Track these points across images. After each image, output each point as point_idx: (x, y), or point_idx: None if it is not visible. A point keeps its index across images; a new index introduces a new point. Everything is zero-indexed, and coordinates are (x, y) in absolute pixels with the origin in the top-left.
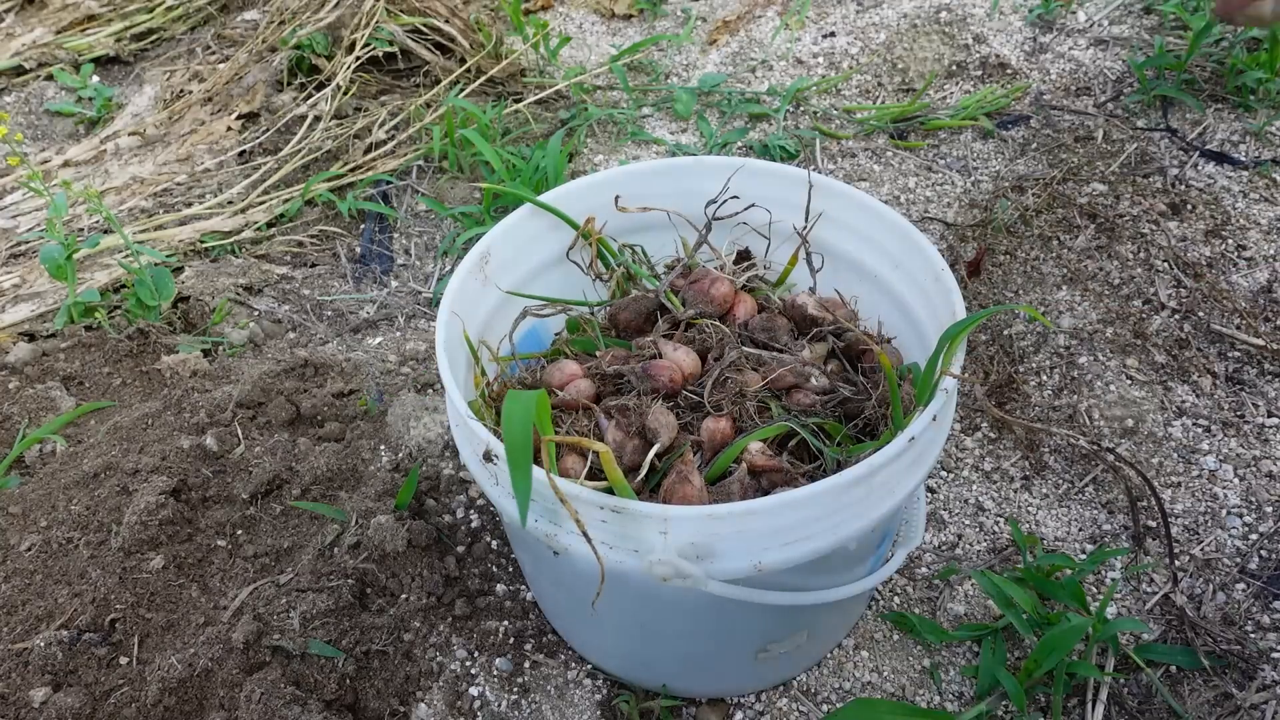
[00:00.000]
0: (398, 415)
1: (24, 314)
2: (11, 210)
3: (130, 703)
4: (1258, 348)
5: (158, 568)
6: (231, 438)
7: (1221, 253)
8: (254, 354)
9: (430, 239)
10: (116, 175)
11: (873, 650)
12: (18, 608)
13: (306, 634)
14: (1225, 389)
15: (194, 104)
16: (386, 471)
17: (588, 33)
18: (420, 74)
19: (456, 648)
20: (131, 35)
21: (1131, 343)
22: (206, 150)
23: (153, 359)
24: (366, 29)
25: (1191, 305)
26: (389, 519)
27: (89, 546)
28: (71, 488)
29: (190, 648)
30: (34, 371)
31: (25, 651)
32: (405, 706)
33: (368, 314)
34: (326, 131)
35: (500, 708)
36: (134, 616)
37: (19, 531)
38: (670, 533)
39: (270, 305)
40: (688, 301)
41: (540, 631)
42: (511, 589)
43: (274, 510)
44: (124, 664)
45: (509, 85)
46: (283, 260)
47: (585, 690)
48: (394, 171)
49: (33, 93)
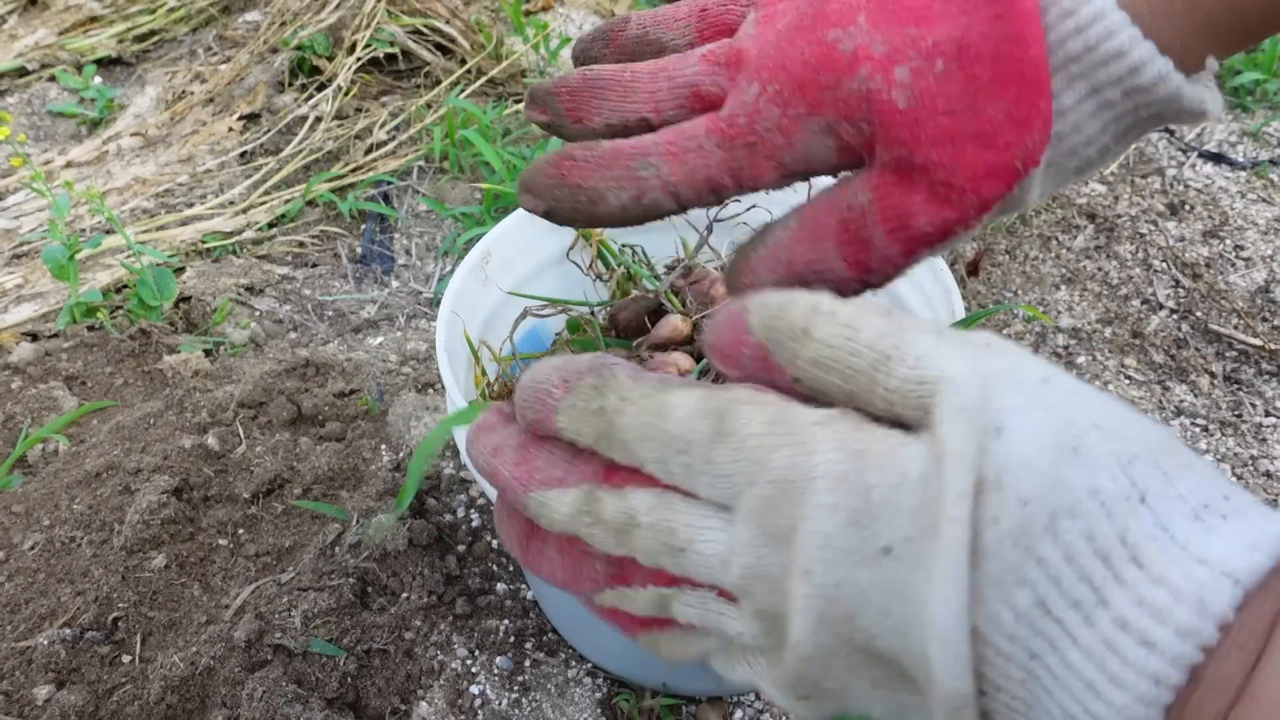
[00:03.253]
0: (398, 415)
1: (27, 314)
2: (14, 211)
3: (133, 700)
4: (1255, 347)
5: (160, 566)
6: (233, 437)
7: (1219, 253)
8: (255, 354)
9: (431, 239)
10: (118, 176)
11: None
12: (21, 606)
13: (308, 632)
14: (1223, 388)
15: (196, 105)
16: (387, 471)
17: None
18: (421, 75)
19: (457, 646)
20: (134, 36)
21: (1130, 342)
22: (208, 151)
23: (155, 359)
24: (367, 30)
25: (1189, 305)
26: (390, 518)
27: (91, 545)
28: (74, 487)
29: (192, 646)
30: (37, 371)
31: (29, 650)
32: (406, 704)
33: (368, 314)
34: (327, 132)
35: (501, 706)
36: (136, 615)
37: (22, 530)
38: None
39: (271, 305)
40: (688, 302)
41: (540, 630)
42: (512, 588)
43: (275, 509)
44: (126, 662)
45: (509, 86)
46: (284, 260)
47: (585, 688)
48: (395, 172)
49: (35, 94)
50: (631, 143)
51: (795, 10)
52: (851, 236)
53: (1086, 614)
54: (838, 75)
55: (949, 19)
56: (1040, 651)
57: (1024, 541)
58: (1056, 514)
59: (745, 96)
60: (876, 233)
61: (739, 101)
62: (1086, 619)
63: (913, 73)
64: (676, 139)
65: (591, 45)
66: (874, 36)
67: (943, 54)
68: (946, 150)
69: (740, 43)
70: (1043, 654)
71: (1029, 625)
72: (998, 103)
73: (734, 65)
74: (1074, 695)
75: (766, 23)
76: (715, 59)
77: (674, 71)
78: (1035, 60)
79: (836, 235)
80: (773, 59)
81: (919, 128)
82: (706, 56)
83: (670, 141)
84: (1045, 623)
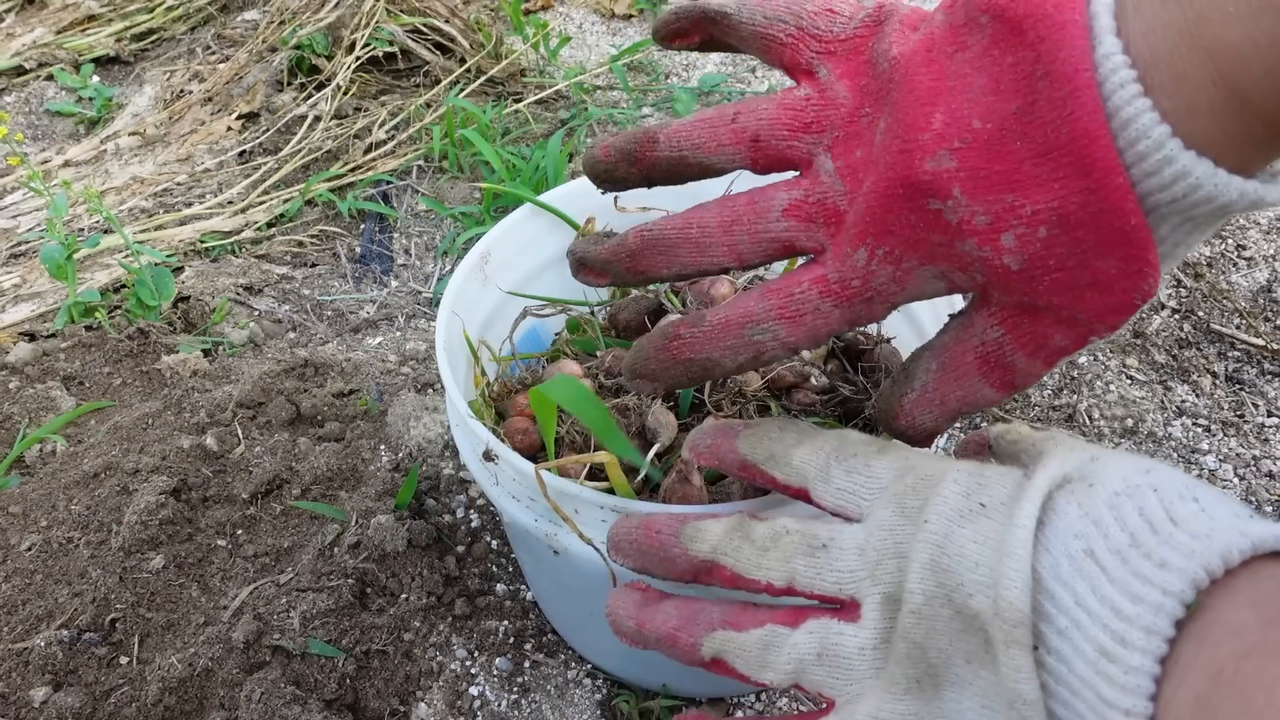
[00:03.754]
0: (398, 415)
1: (24, 314)
2: (12, 210)
3: (130, 702)
4: (1258, 347)
5: (158, 567)
6: (232, 437)
7: (1221, 252)
8: (254, 354)
9: (430, 239)
10: (117, 175)
11: None
12: (18, 607)
13: (306, 633)
14: (1225, 388)
15: (194, 104)
16: (386, 471)
17: (588, 33)
18: (420, 74)
19: (456, 647)
20: (132, 35)
21: (1131, 342)
22: (206, 150)
23: (153, 359)
24: (366, 29)
25: (1191, 305)
26: (389, 519)
27: (89, 546)
28: (72, 487)
29: (190, 647)
30: (34, 371)
31: (25, 651)
32: (405, 706)
33: (368, 314)
34: (326, 131)
35: (500, 707)
36: (134, 616)
37: (19, 531)
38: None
39: (270, 305)
40: (688, 302)
41: (540, 631)
42: (511, 589)
43: (274, 510)
44: (124, 663)
45: (509, 85)
46: (283, 260)
47: (585, 690)
48: (394, 171)
49: (33, 93)
50: (739, 312)
51: (879, 168)
52: (993, 366)
53: (1124, 557)
54: (949, 237)
55: (1042, 186)
56: (1082, 595)
57: (1087, 508)
58: (1119, 494)
59: (856, 261)
60: (1017, 358)
61: (850, 266)
62: (1124, 560)
63: (1018, 239)
64: (786, 304)
65: (615, 166)
66: (974, 210)
67: (1044, 221)
68: (1067, 296)
69: (827, 197)
70: (1084, 596)
71: (1077, 569)
72: (1107, 260)
73: (832, 225)
74: (1102, 622)
75: (850, 176)
76: (808, 215)
77: (757, 226)
78: (1138, 229)
79: (978, 370)
80: (877, 224)
81: (1035, 283)
82: (794, 212)
83: (781, 307)
84: (1089, 565)
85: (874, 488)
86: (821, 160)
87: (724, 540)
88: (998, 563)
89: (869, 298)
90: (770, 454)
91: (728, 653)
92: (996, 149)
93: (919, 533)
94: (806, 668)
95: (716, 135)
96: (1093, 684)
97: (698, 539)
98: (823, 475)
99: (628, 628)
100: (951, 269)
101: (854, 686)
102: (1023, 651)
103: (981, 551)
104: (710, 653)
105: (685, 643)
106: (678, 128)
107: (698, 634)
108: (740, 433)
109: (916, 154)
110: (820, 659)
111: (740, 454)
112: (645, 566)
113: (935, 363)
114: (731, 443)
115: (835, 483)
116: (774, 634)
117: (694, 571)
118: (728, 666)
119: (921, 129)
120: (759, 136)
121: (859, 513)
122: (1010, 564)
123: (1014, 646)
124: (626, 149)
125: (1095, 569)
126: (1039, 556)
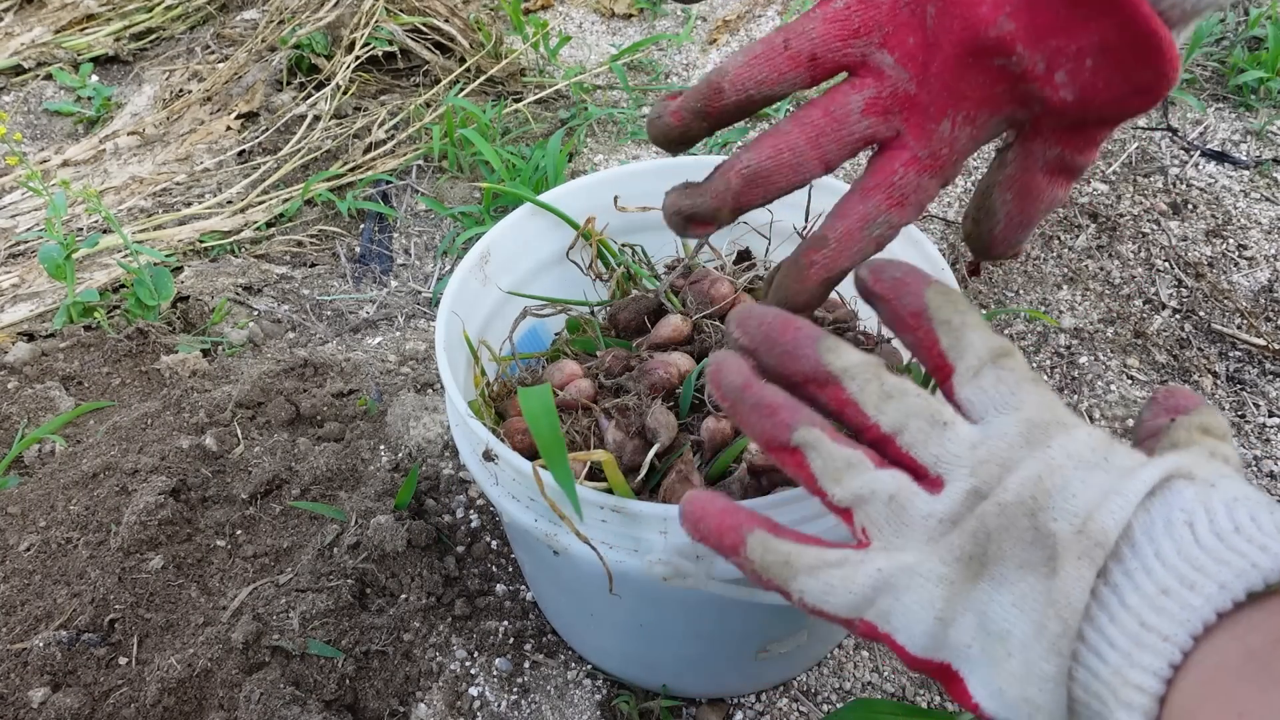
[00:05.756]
0: (397, 415)
1: (23, 314)
2: (10, 210)
3: (129, 703)
4: (1259, 347)
5: (157, 568)
6: (231, 438)
7: (1222, 252)
8: (253, 354)
9: (430, 239)
10: (115, 175)
11: (873, 650)
12: (17, 608)
13: (306, 634)
14: (1226, 389)
15: (193, 103)
16: (386, 471)
17: (588, 32)
18: (420, 73)
19: (456, 648)
20: (130, 35)
21: (1132, 342)
22: (206, 150)
23: (152, 359)
24: (366, 28)
25: (1192, 305)
26: (389, 519)
27: (88, 546)
28: (70, 488)
29: (189, 648)
30: (33, 371)
31: (24, 652)
32: (405, 706)
33: (367, 314)
34: (326, 131)
35: (500, 708)
36: (133, 616)
37: (18, 531)
38: (670, 532)
39: (270, 305)
40: (688, 302)
41: (540, 631)
42: (511, 589)
43: (273, 510)
44: (123, 664)
45: (509, 85)
46: (282, 260)
47: (585, 690)
48: (394, 171)
49: (31, 92)
50: (855, 219)
51: (944, 47)
52: (1058, 174)
53: (1222, 537)
54: (1012, 84)
55: (1083, 25)
56: (1164, 551)
57: (1203, 498)
58: (1237, 499)
59: (941, 132)
60: (1075, 160)
61: (937, 139)
62: (1220, 538)
63: (1069, 73)
64: (891, 193)
65: (689, 126)
66: (1035, 59)
67: (1089, 54)
68: (1114, 107)
69: (899, 87)
70: (1166, 552)
71: (1169, 532)
72: (1144, 71)
73: (906, 110)
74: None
75: (911, 61)
76: (885, 108)
77: (841, 132)
78: (1167, 41)
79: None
80: (954, 94)
81: (1086, 105)
82: (872, 109)
83: (888, 198)
84: (1184, 532)
85: (1009, 405)
86: (879, 57)
87: (859, 367)
88: (1100, 499)
89: (956, 159)
90: (948, 320)
91: (815, 449)
92: (1039, 5)
93: (1035, 452)
94: (873, 501)
95: (776, 66)
96: (1139, 612)
97: (835, 351)
98: (975, 369)
99: (732, 385)
100: (1015, 111)
101: (900, 539)
102: (1091, 567)
103: (1085, 490)
104: (799, 440)
105: (782, 420)
106: (738, 72)
107: (797, 419)
108: (933, 282)
109: (979, 25)
110: (890, 502)
111: (924, 302)
112: (762, 349)
113: (1010, 193)
114: (920, 286)
115: (984, 380)
116: (861, 460)
117: (811, 377)
118: (804, 462)
119: (977, 3)
120: (815, 55)
121: (979, 416)
122: (1116, 499)
123: (1084, 559)
124: (696, 107)
125: (1188, 536)
126: (1138, 514)
